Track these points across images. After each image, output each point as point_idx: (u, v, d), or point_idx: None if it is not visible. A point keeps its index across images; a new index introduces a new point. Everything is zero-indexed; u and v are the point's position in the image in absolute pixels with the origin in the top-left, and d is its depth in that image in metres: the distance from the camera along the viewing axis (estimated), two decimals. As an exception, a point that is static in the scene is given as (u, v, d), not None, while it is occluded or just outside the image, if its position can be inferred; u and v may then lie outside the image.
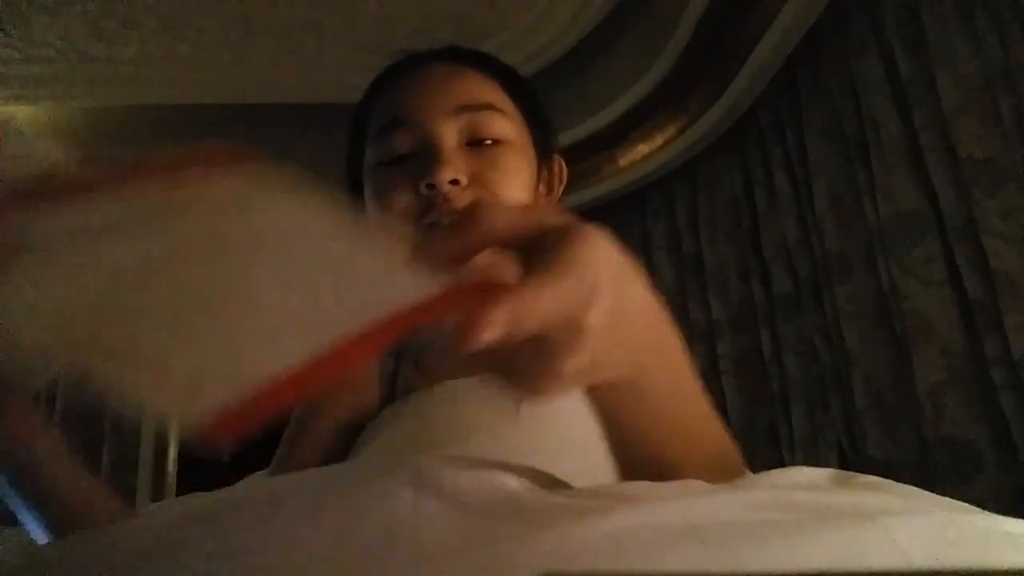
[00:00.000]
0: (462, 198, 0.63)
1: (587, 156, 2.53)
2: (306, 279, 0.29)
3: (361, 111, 0.79)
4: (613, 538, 0.28)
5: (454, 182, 0.62)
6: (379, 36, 2.76)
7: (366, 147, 0.73)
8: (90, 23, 2.56)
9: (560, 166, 0.79)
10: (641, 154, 2.54)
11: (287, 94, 2.92)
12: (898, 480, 0.39)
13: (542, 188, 0.74)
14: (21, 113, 2.86)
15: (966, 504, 0.35)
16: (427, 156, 0.64)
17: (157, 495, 2.54)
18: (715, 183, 2.41)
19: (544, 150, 0.74)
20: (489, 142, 0.67)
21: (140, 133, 2.90)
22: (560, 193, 0.79)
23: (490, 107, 0.68)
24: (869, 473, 0.40)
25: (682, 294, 2.41)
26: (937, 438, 1.47)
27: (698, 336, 2.29)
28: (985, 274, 1.42)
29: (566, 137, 2.37)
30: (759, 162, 2.22)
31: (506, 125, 0.68)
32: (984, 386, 1.43)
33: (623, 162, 2.57)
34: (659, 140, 2.49)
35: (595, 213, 2.56)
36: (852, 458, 1.75)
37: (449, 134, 0.66)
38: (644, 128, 2.49)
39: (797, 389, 1.98)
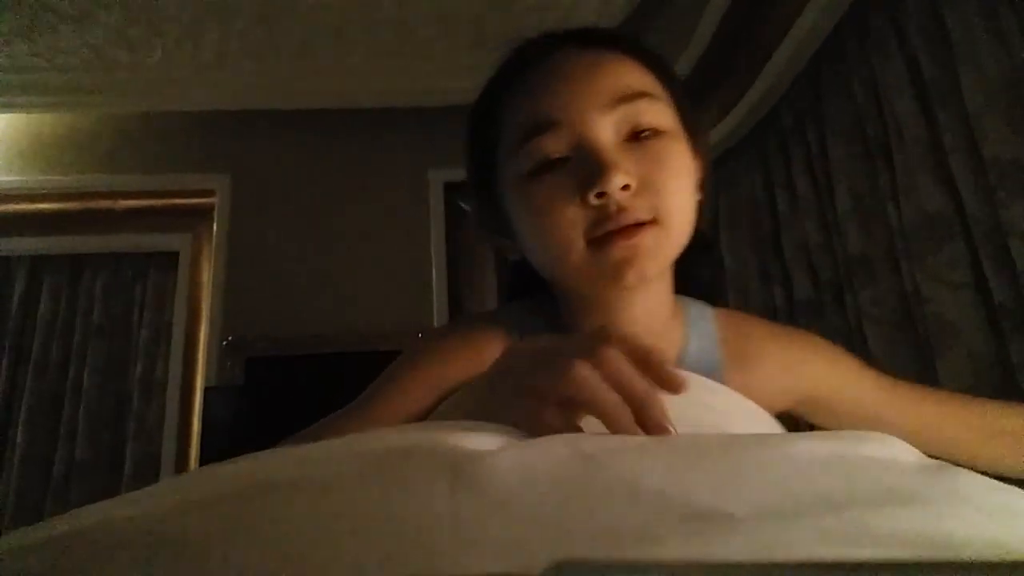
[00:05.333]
0: (635, 205, 0.57)
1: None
2: None
3: (488, 113, 0.67)
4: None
5: (625, 187, 0.56)
6: (399, 40, 2.78)
7: (504, 156, 0.64)
8: (115, 31, 2.61)
9: (707, 155, 0.69)
10: (660, 157, 2.53)
11: (309, 100, 2.94)
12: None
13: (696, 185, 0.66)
14: (48, 120, 2.91)
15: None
16: (589, 161, 0.57)
17: (179, 496, 2.56)
18: (736, 185, 2.39)
19: (694, 137, 0.66)
20: (648, 134, 0.59)
21: (165, 139, 2.94)
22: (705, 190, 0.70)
23: (645, 95, 0.60)
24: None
25: (702, 297, 2.39)
26: (963, 444, 1.44)
27: (718, 340, 2.27)
28: (1011, 277, 1.40)
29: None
30: (780, 164, 2.20)
31: (663, 113, 0.61)
32: (1011, 392, 1.41)
33: (642, 165, 2.56)
34: (678, 143, 2.47)
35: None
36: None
37: (607, 132, 0.58)
38: (663, 131, 2.48)
39: (819, 393, 1.95)
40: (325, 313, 2.74)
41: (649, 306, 0.65)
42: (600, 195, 0.56)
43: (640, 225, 0.57)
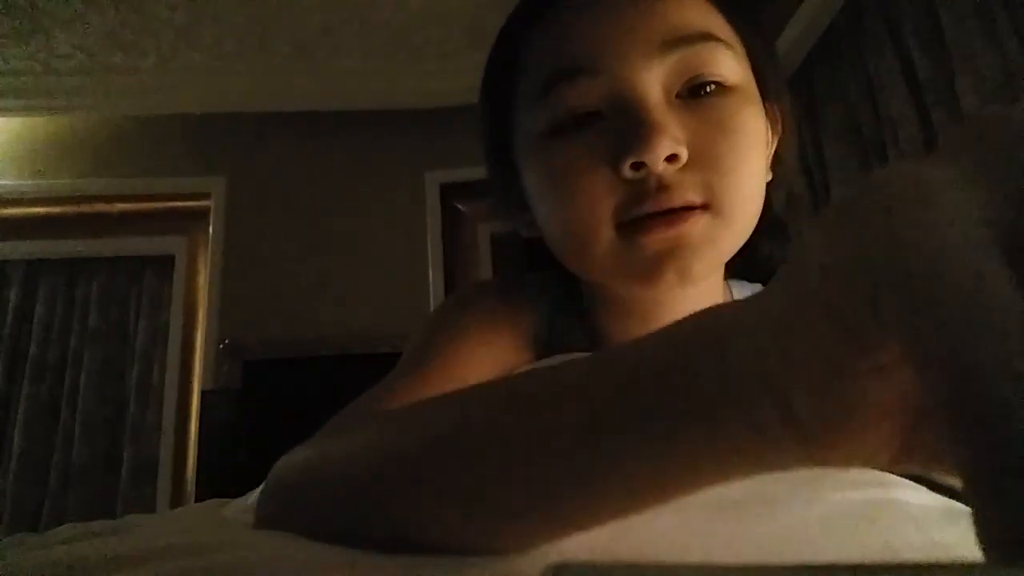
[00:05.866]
0: (684, 182, 0.43)
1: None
2: None
3: (507, 55, 0.52)
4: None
5: (672, 158, 0.43)
6: (393, 43, 2.77)
7: (522, 108, 0.50)
8: (109, 34, 2.60)
9: (787, 123, 0.54)
10: (656, 157, 2.53)
11: (303, 102, 2.94)
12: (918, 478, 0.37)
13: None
14: (42, 124, 2.91)
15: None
16: (627, 119, 0.44)
17: (176, 501, 2.56)
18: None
19: (772, 100, 0.51)
20: (711, 89, 0.45)
21: (159, 142, 2.93)
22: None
23: (710, 37, 0.45)
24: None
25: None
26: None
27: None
28: (1007, 275, 1.40)
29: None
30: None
31: (732, 64, 0.46)
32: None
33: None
34: (674, 143, 2.48)
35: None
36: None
37: (653, 83, 0.44)
38: (659, 131, 2.48)
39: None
40: (322, 315, 2.74)
41: (695, 308, 0.50)
42: (637, 166, 0.43)
43: (689, 210, 0.43)
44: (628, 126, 0.43)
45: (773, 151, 0.54)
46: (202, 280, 2.86)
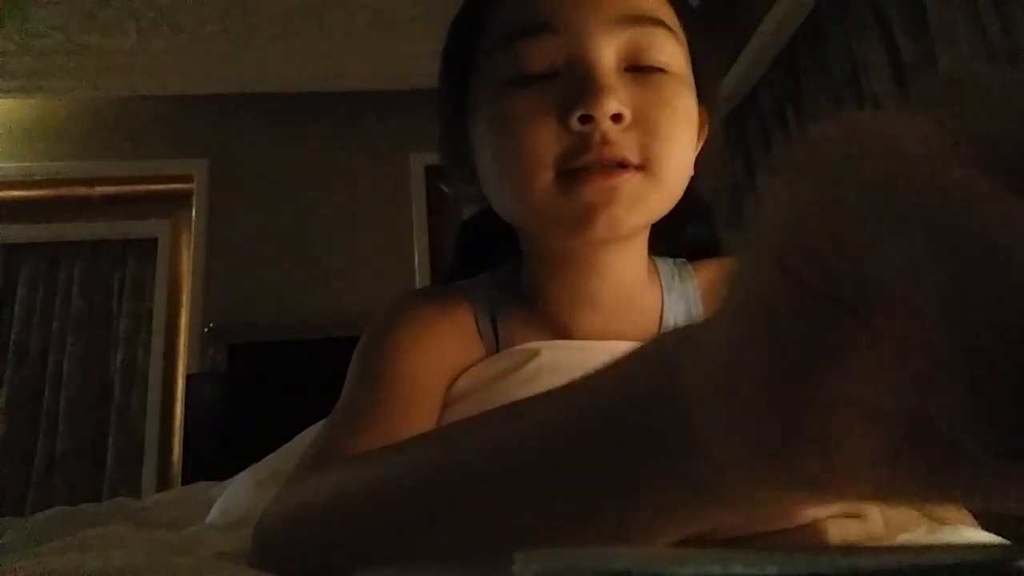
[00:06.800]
0: (624, 141, 0.47)
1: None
2: None
3: (474, 15, 0.57)
4: None
5: (616, 118, 0.47)
6: (378, 22, 2.75)
7: (483, 58, 0.53)
8: (88, 14, 2.56)
9: (714, 114, 0.59)
10: (642, 139, 2.53)
11: (287, 83, 2.91)
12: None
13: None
14: (20, 106, 2.86)
15: None
16: (581, 78, 0.47)
17: (162, 484, 2.56)
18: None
19: (703, 89, 0.55)
20: (655, 70, 0.49)
21: (140, 124, 2.90)
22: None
23: (660, 23, 0.50)
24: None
25: (684, 279, 2.41)
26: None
27: (700, 321, 2.29)
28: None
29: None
30: (761, 146, 2.21)
31: (676, 51, 0.51)
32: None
33: (624, 147, 2.56)
34: (660, 125, 2.48)
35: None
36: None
37: (608, 52, 0.48)
38: (645, 113, 2.48)
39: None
40: (308, 298, 2.73)
41: (624, 268, 0.55)
42: (585, 119, 0.46)
43: (624, 168, 0.47)
44: (581, 83, 0.47)
45: (704, 137, 0.58)
46: (186, 263, 2.84)
